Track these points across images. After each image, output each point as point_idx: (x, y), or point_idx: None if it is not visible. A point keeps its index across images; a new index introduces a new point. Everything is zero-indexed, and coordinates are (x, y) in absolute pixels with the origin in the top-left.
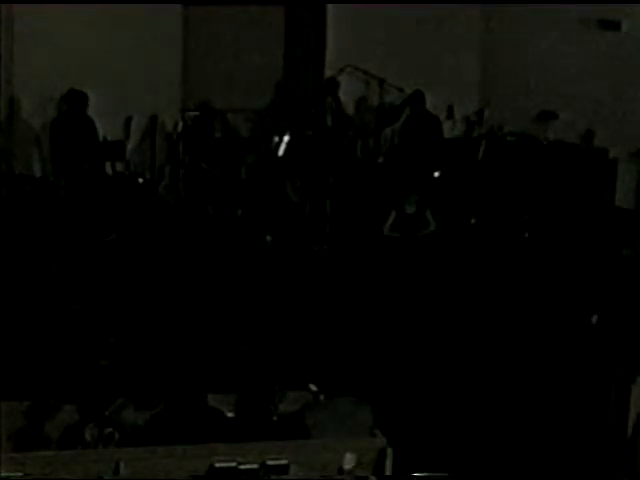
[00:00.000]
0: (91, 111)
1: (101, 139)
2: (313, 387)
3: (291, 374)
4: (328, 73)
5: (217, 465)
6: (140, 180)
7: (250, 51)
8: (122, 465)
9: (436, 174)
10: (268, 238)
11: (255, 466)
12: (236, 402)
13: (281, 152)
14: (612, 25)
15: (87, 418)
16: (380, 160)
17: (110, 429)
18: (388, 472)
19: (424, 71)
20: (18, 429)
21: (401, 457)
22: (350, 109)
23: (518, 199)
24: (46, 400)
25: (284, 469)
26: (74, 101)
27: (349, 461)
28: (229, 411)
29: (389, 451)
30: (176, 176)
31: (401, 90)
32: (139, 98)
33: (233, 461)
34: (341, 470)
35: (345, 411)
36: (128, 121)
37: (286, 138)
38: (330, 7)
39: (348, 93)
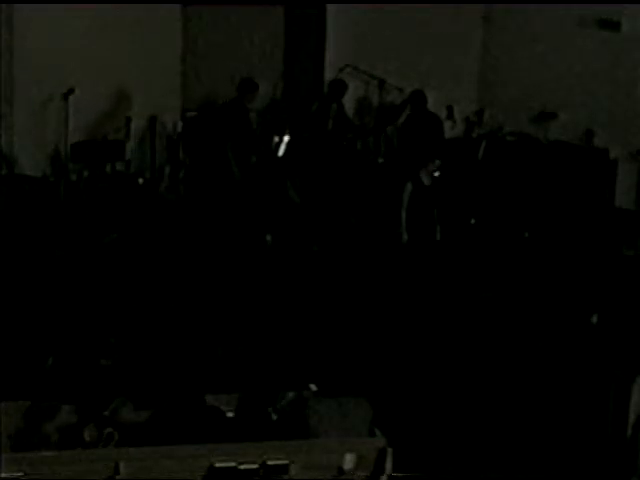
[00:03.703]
0: (91, 111)
1: (100, 139)
2: (313, 387)
3: (291, 374)
4: (328, 73)
5: (217, 465)
6: (140, 180)
7: (250, 51)
8: (122, 465)
9: (436, 174)
10: (268, 238)
11: (255, 466)
12: (236, 402)
13: (281, 152)
14: (612, 25)
15: (86, 418)
16: (380, 160)
17: (110, 429)
18: (388, 472)
19: (424, 71)
20: (18, 429)
21: (401, 457)
22: (350, 109)
23: (518, 199)
24: (45, 400)
25: (284, 469)
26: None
27: (349, 461)
28: (229, 411)
29: (389, 451)
30: (176, 176)
31: (401, 90)
32: (139, 98)
33: (233, 461)
34: (341, 470)
35: (345, 410)
36: (128, 121)
37: (286, 138)
38: (330, 7)
39: (348, 93)
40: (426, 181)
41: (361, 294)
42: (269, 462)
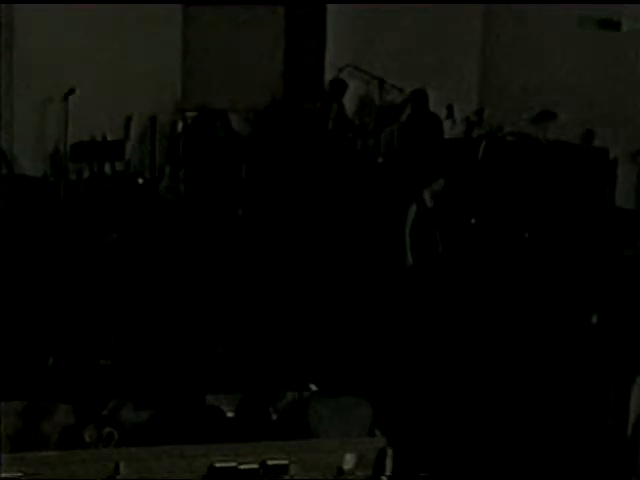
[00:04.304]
0: (91, 111)
1: (100, 139)
2: (313, 387)
3: (291, 374)
4: (328, 73)
5: (217, 465)
6: (140, 180)
7: (250, 51)
8: (122, 465)
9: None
10: (267, 238)
11: (255, 466)
12: (236, 402)
13: (281, 152)
14: (612, 25)
15: (85, 418)
16: (380, 160)
17: (109, 428)
18: (388, 472)
19: (424, 71)
20: (17, 429)
21: (401, 457)
22: (350, 109)
23: (518, 199)
24: (45, 400)
25: (284, 469)
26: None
27: (349, 461)
28: (229, 411)
29: (389, 451)
30: (176, 176)
31: (401, 90)
32: (139, 98)
33: (233, 461)
34: (341, 470)
35: (345, 410)
36: (128, 121)
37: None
38: (330, 7)
39: (348, 93)
40: (429, 202)
41: (361, 294)
42: (269, 462)
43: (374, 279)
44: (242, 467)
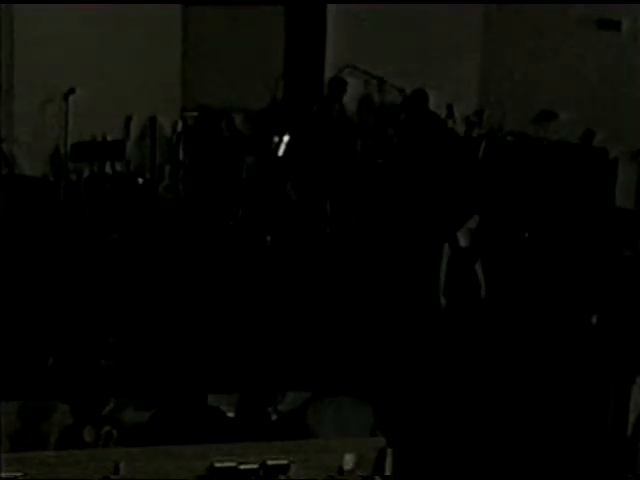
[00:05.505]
0: (91, 111)
1: (100, 139)
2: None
3: (291, 374)
4: (328, 73)
5: (217, 465)
6: (140, 180)
7: (250, 51)
8: (122, 465)
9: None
10: (268, 238)
11: (255, 466)
12: (236, 402)
13: (281, 152)
14: (612, 25)
15: (83, 418)
16: (380, 160)
17: (108, 427)
18: (388, 472)
19: (424, 71)
20: (16, 429)
21: (401, 457)
22: (350, 109)
23: (518, 199)
24: (44, 400)
25: (284, 469)
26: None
27: (349, 461)
28: (229, 411)
29: (389, 451)
30: (176, 176)
31: (401, 90)
32: (139, 98)
33: (233, 461)
34: (341, 470)
35: (345, 410)
36: (128, 121)
37: (286, 138)
38: (330, 7)
39: (348, 93)
40: (463, 242)
41: (361, 294)
42: (269, 462)
43: (371, 275)
44: (242, 467)
